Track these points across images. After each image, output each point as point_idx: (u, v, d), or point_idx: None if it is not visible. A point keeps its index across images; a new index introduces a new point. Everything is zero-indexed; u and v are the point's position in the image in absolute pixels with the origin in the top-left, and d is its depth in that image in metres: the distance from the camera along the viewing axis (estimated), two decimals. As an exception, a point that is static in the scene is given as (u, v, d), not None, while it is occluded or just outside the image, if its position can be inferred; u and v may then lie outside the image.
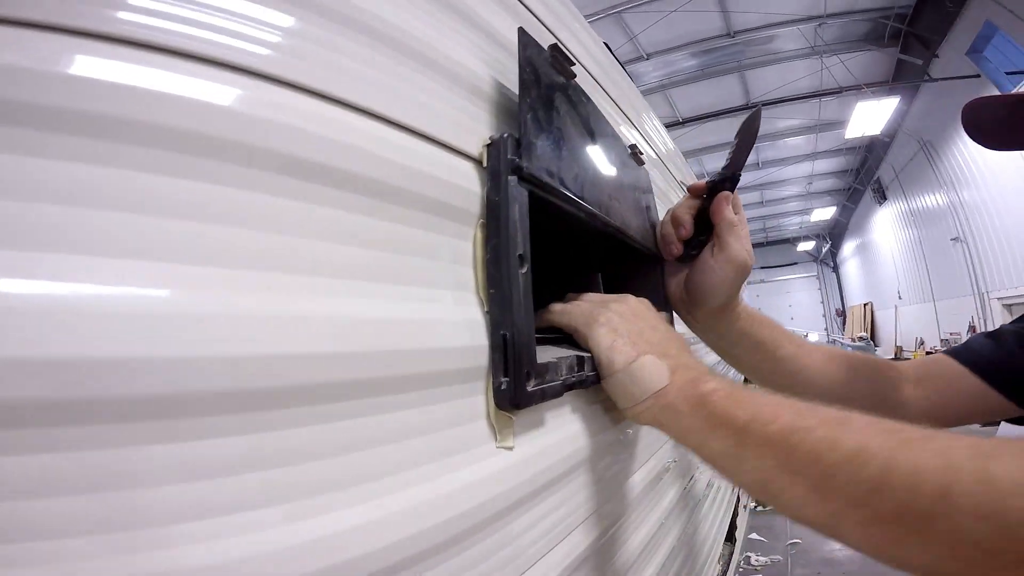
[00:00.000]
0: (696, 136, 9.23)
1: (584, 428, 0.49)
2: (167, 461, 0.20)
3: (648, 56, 7.35)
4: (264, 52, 0.26)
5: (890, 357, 9.75)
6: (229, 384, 0.22)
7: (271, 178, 0.26)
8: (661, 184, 1.10)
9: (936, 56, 6.92)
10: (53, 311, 0.18)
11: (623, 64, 1.12)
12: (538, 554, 0.39)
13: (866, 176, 12.03)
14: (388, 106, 0.33)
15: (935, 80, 6.96)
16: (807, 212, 15.39)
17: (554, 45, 0.50)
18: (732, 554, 1.36)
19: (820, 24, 6.89)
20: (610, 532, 0.52)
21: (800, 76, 7.99)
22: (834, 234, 17.98)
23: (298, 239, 0.26)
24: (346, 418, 0.27)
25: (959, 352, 0.62)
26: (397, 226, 0.33)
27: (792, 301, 19.87)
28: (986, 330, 0.81)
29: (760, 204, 14.62)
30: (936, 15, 6.50)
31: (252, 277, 0.24)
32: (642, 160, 0.81)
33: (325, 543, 0.24)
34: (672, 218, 0.67)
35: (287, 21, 0.28)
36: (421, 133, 0.35)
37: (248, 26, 0.26)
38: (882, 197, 11.50)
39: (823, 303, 19.75)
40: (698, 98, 8.50)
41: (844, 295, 18.90)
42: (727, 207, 0.63)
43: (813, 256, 19.58)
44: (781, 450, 0.34)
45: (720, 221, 0.63)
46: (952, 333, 9.06)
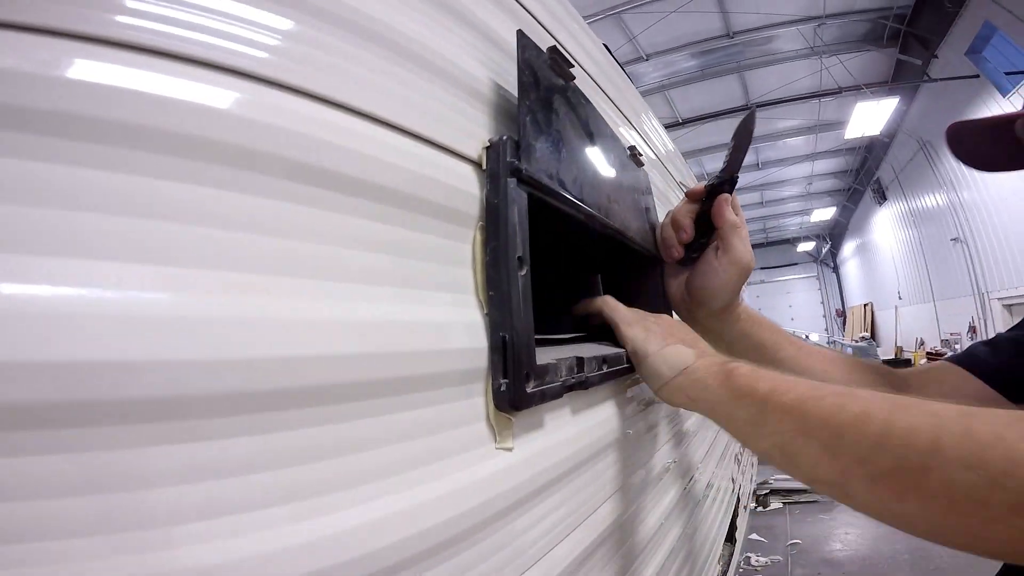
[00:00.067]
0: (696, 137, 9.23)
1: (583, 429, 0.49)
2: (171, 462, 0.20)
3: (647, 57, 7.36)
4: (264, 56, 0.26)
5: (890, 357, 9.75)
6: (230, 387, 0.22)
7: (270, 182, 0.26)
8: (661, 185, 1.10)
9: (935, 56, 6.92)
10: (56, 314, 0.19)
11: (622, 65, 1.12)
12: (538, 554, 0.39)
13: (866, 176, 12.04)
14: (387, 109, 0.33)
15: (934, 80, 6.97)
16: (807, 212, 15.39)
17: (553, 47, 0.50)
18: (732, 554, 1.36)
19: (819, 24, 6.90)
20: (610, 532, 0.52)
21: (800, 77, 7.99)
22: (834, 234, 17.98)
23: (297, 242, 0.27)
24: (346, 420, 0.27)
25: (961, 359, 0.62)
26: (396, 229, 0.33)
27: (792, 301, 19.85)
28: (984, 338, 0.82)
29: (760, 204, 14.62)
30: (935, 15, 6.50)
31: (252, 280, 0.24)
32: (641, 161, 0.81)
33: (328, 543, 0.24)
34: (672, 222, 0.68)
35: (287, 25, 0.28)
36: (420, 136, 0.35)
37: (248, 30, 0.26)
38: (882, 197, 11.50)
39: (823, 303, 19.74)
40: (698, 99, 8.50)
41: (844, 295, 18.89)
42: (728, 209, 0.63)
43: (813, 256, 19.58)
44: (797, 416, 0.37)
45: (723, 223, 0.63)
46: (952, 333, 9.05)
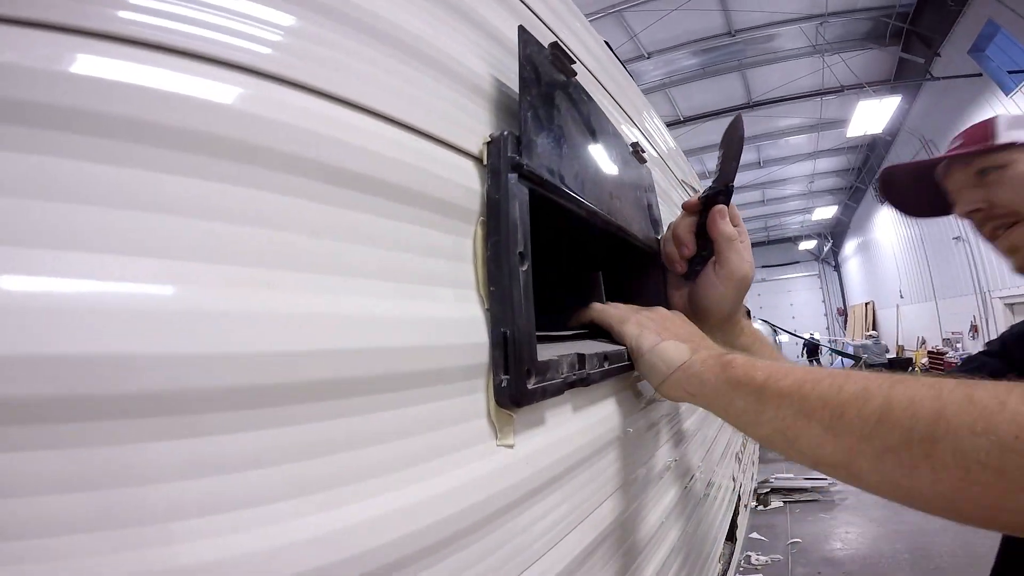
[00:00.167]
0: (697, 135, 9.21)
1: (584, 426, 0.49)
2: (171, 458, 0.20)
3: (649, 55, 7.34)
4: (266, 51, 0.26)
5: (891, 356, 9.74)
6: (231, 382, 0.22)
7: (273, 176, 0.26)
8: (663, 183, 1.10)
9: (938, 55, 6.90)
10: (56, 308, 0.19)
11: (624, 63, 1.12)
12: (540, 552, 0.39)
13: (868, 175, 12.01)
14: (389, 105, 0.33)
15: (937, 79, 6.95)
16: (808, 211, 15.37)
17: (555, 43, 0.50)
18: (733, 553, 1.36)
19: (822, 23, 6.88)
20: (611, 530, 0.52)
21: (802, 75, 7.97)
22: (836, 233, 17.95)
23: (298, 237, 0.27)
24: (346, 416, 0.27)
25: (962, 373, 0.64)
26: (397, 223, 0.33)
27: (793, 300, 19.82)
28: (985, 339, 0.84)
29: (761, 203, 14.61)
30: (938, 14, 6.48)
31: (254, 275, 0.24)
32: (644, 158, 0.81)
33: (329, 540, 0.24)
34: (673, 237, 0.68)
35: (289, 20, 0.28)
36: (421, 131, 0.35)
37: (250, 25, 0.26)
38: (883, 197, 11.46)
39: (824, 302, 19.71)
40: (699, 97, 8.49)
41: (846, 294, 18.87)
42: (723, 221, 0.63)
43: (815, 255, 19.55)
44: (795, 399, 0.38)
45: (718, 236, 0.63)
46: (954, 332, 9.04)
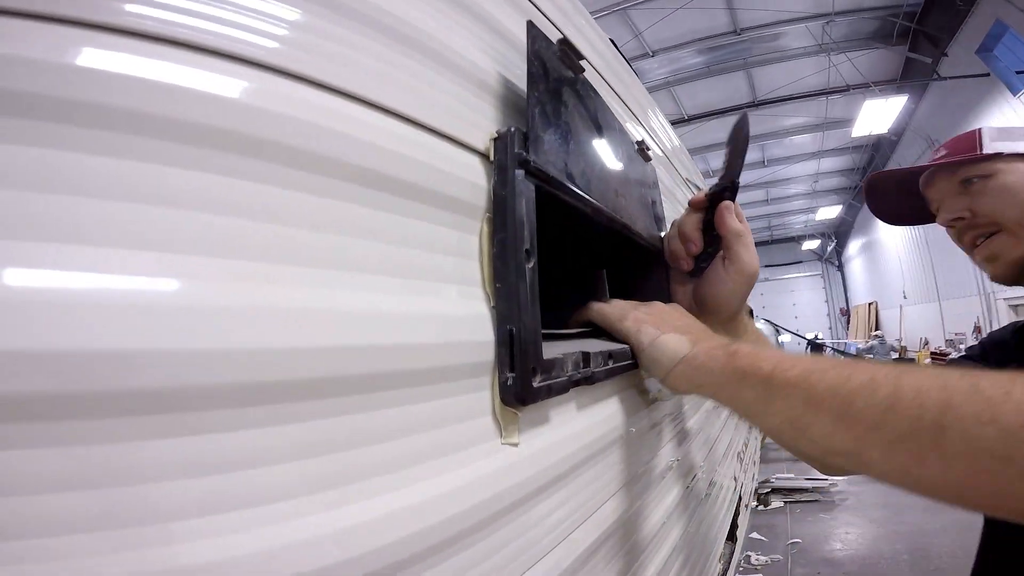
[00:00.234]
0: (702, 133, 9.18)
1: (588, 425, 0.49)
2: (172, 457, 0.20)
3: (654, 53, 7.32)
4: (271, 45, 0.26)
5: (895, 357, 9.72)
6: (233, 378, 0.22)
7: (278, 170, 0.26)
8: (667, 181, 1.09)
9: (945, 55, 6.86)
10: (57, 303, 0.18)
11: (629, 61, 1.12)
12: (544, 550, 0.39)
13: (872, 175, 11.95)
14: (394, 99, 0.33)
15: (944, 79, 6.91)
16: (812, 210, 15.32)
17: (563, 39, 0.50)
18: (733, 553, 1.36)
19: (828, 22, 6.84)
20: (614, 529, 0.52)
21: (807, 74, 7.94)
22: (839, 233, 17.90)
23: (302, 231, 0.26)
24: (350, 414, 0.26)
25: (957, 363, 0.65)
26: (402, 219, 0.32)
27: (796, 300, 19.77)
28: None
29: (765, 202, 14.57)
30: (945, 13, 6.44)
31: (258, 270, 0.24)
32: (649, 156, 0.81)
33: (331, 539, 0.24)
34: (679, 234, 0.67)
35: (295, 14, 0.28)
36: (427, 126, 0.35)
37: (256, 19, 0.26)
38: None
39: (827, 302, 19.67)
40: (704, 95, 8.46)
41: (849, 294, 18.82)
42: (732, 217, 0.63)
43: (818, 255, 19.50)
44: (804, 389, 0.38)
45: (727, 232, 0.63)
46: (957, 333, 9.02)
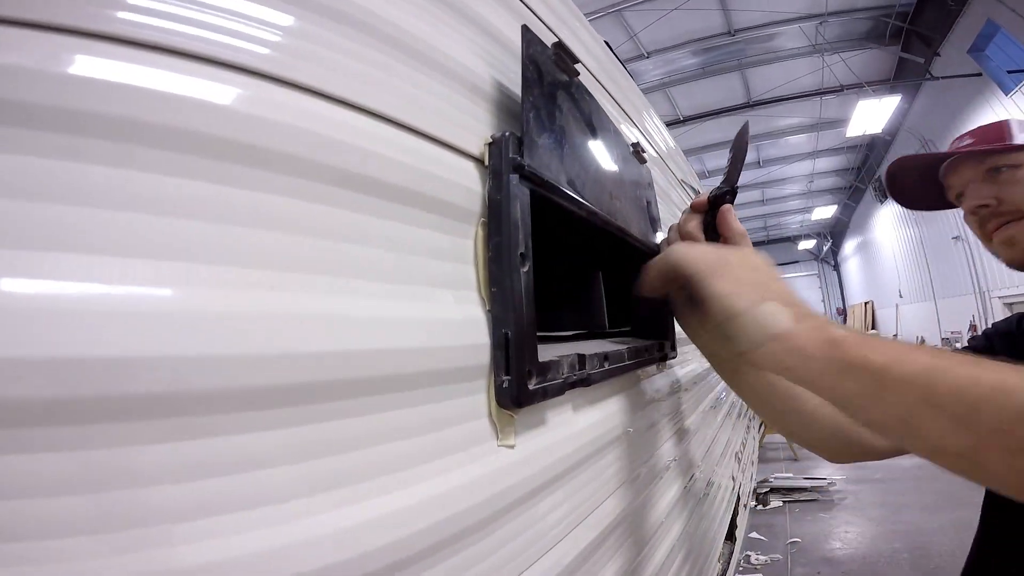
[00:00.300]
0: (697, 134, 9.22)
1: (585, 427, 0.49)
2: (172, 459, 0.20)
3: (649, 54, 7.34)
4: (265, 52, 0.26)
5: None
6: (232, 383, 0.22)
7: (273, 178, 0.26)
8: (662, 183, 1.10)
9: (938, 54, 6.90)
10: (59, 310, 0.19)
11: (624, 62, 1.12)
12: (541, 551, 0.39)
13: (867, 174, 12.02)
14: (389, 105, 0.33)
15: (937, 79, 6.95)
16: (808, 210, 15.38)
17: (558, 43, 0.50)
18: (732, 552, 1.36)
19: (821, 22, 6.88)
20: (611, 530, 0.52)
21: (801, 74, 7.97)
22: (835, 232, 17.97)
23: (299, 238, 0.26)
24: (347, 417, 0.27)
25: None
26: (398, 225, 0.33)
27: (793, 299, 19.76)
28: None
29: (761, 203, 14.61)
30: (938, 13, 6.48)
31: (255, 276, 0.24)
32: (644, 158, 0.81)
33: (329, 540, 0.24)
34: (681, 235, 0.67)
35: (288, 21, 0.28)
36: (422, 132, 0.35)
37: (249, 26, 0.26)
38: (883, 195, 11.47)
39: (824, 302, 19.73)
40: (699, 96, 8.49)
41: (845, 293, 18.89)
42: (735, 219, 0.63)
43: (814, 255, 19.57)
44: (923, 387, 0.36)
45: (731, 233, 0.63)
46: (953, 332, 9.05)
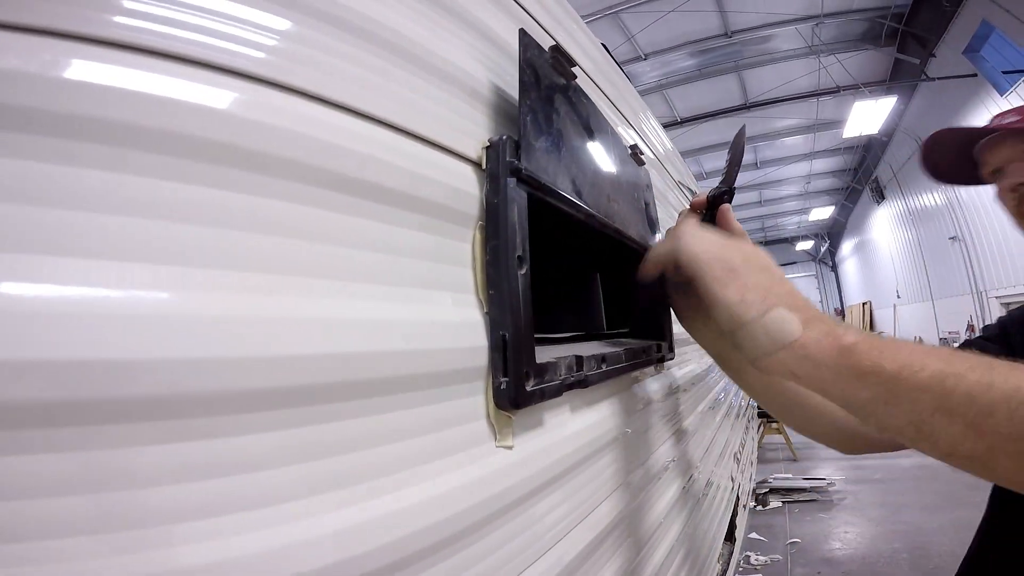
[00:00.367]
0: (694, 136, 9.23)
1: (583, 428, 0.49)
2: (171, 461, 0.20)
3: (646, 56, 7.36)
4: (262, 56, 0.26)
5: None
6: (230, 385, 0.22)
7: (271, 182, 0.26)
8: (659, 184, 1.10)
9: (933, 55, 6.93)
10: (59, 313, 0.19)
11: (621, 64, 1.12)
12: (540, 551, 0.39)
13: (864, 175, 12.05)
14: (386, 110, 0.33)
15: (932, 79, 6.97)
16: (805, 211, 15.41)
17: (555, 46, 0.50)
18: (732, 553, 1.36)
19: (817, 24, 6.90)
20: (610, 530, 0.52)
21: (798, 76, 7.99)
22: (832, 233, 18.01)
23: (297, 242, 0.27)
24: (345, 419, 0.27)
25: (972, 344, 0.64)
26: (396, 228, 0.33)
27: (791, 300, 19.79)
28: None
29: (758, 204, 14.63)
30: (933, 14, 6.51)
31: (253, 279, 0.24)
32: (642, 160, 0.81)
33: (330, 540, 0.24)
34: None
35: (285, 25, 0.28)
36: (420, 136, 0.35)
37: (246, 31, 0.26)
38: (880, 196, 11.52)
39: (822, 302, 19.75)
40: (696, 98, 8.51)
41: (843, 294, 18.93)
42: (733, 218, 0.64)
43: (811, 255, 19.61)
44: (936, 394, 0.35)
45: (732, 231, 0.63)
46: (951, 332, 9.07)
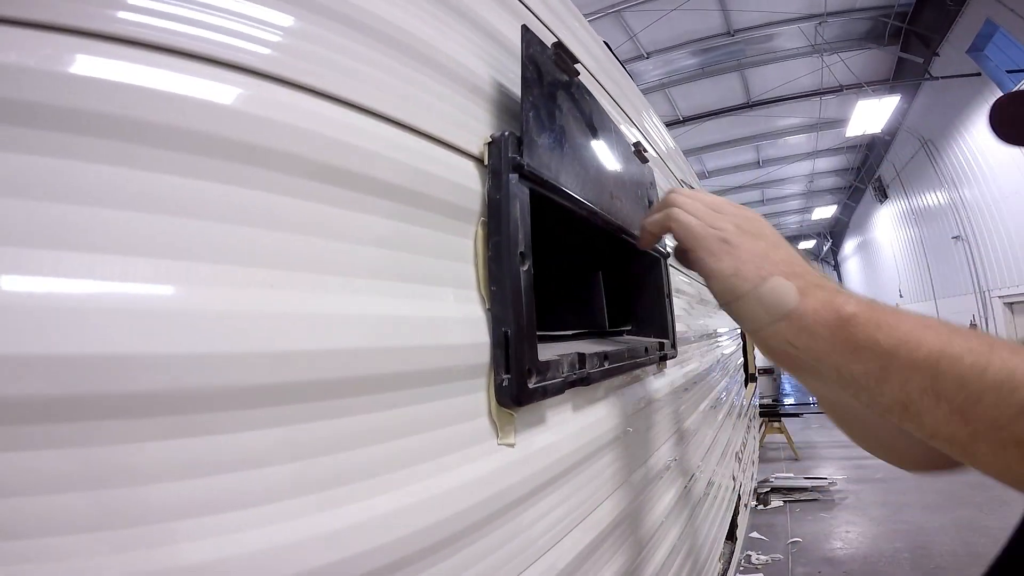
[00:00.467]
0: (697, 135, 9.21)
1: (585, 426, 0.49)
2: (173, 457, 0.20)
3: (648, 55, 7.34)
4: (267, 52, 0.26)
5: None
6: (233, 381, 0.22)
7: (275, 177, 0.26)
8: (662, 183, 1.10)
9: (937, 54, 6.91)
10: (60, 308, 0.19)
11: (623, 63, 1.12)
12: (541, 550, 0.39)
13: (867, 174, 12.01)
14: (390, 105, 0.33)
15: (936, 78, 6.95)
16: (808, 210, 15.38)
17: (557, 43, 0.50)
18: (733, 552, 1.36)
19: (820, 22, 6.88)
20: (611, 530, 0.52)
21: (801, 74, 7.97)
22: (835, 232, 17.97)
23: (300, 236, 0.27)
24: (346, 415, 0.27)
25: None
26: (398, 224, 0.33)
27: (793, 300, 19.77)
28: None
29: (761, 203, 14.60)
30: (937, 13, 6.49)
31: (256, 275, 0.24)
32: (646, 158, 0.81)
33: (331, 538, 0.24)
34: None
35: (290, 21, 0.28)
36: (422, 132, 0.35)
37: (251, 26, 0.26)
38: (883, 195, 11.48)
39: (824, 302, 19.68)
40: (699, 97, 8.49)
41: (845, 294, 18.84)
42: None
43: (814, 255, 19.57)
44: (927, 375, 0.34)
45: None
46: (953, 331, 9.03)
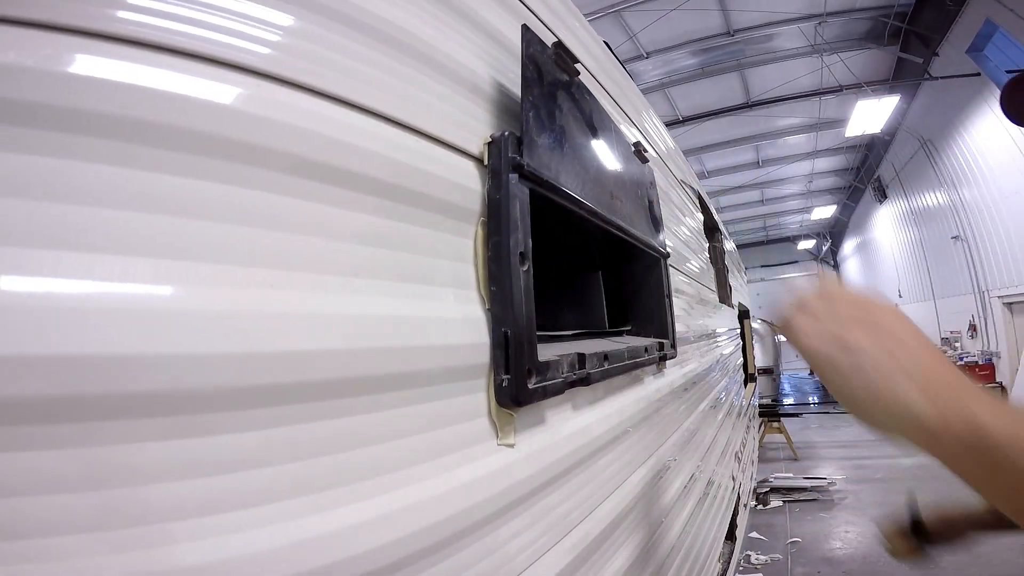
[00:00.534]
0: (696, 134, 9.21)
1: (585, 425, 0.49)
2: (172, 458, 0.20)
3: (648, 55, 7.34)
4: (267, 52, 0.26)
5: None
6: (233, 381, 0.22)
7: (276, 177, 0.26)
8: (662, 183, 1.10)
9: (936, 55, 6.91)
10: (59, 308, 0.19)
11: (623, 63, 1.12)
12: (541, 550, 0.39)
13: (866, 174, 12.01)
14: (390, 105, 0.33)
15: (935, 79, 6.95)
16: (807, 210, 15.37)
17: (557, 43, 0.50)
18: (732, 552, 1.36)
19: (820, 22, 6.88)
20: (611, 530, 0.52)
21: (800, 74, 7.97)
22: (834, 232, 17.97)
23: (300, 237, 0.27)
24: (345, 415, 0.27)
25: None
26: (398, 224, 0.33)
27: (792, 300, 19.78)
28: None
29: (760, 203, 14.60)
30: (936, 13, 6.49)
31: (256, 275, 0.24)
32: (646, 158, 0.81)
33: (332, 538, 0.24)
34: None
35: (289, 21, 0.28)
36: (422, 132, 0.35)
37: (251, 26, 0.26)
38: (882, 195, 11.49)
39: (823, 302, 19.67)
40: (698, 96, 8.49)
41: (844, 294, 18.84)
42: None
43: (813, 255, 19.57)
44: None
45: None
46: (952, 332, 9.04)
